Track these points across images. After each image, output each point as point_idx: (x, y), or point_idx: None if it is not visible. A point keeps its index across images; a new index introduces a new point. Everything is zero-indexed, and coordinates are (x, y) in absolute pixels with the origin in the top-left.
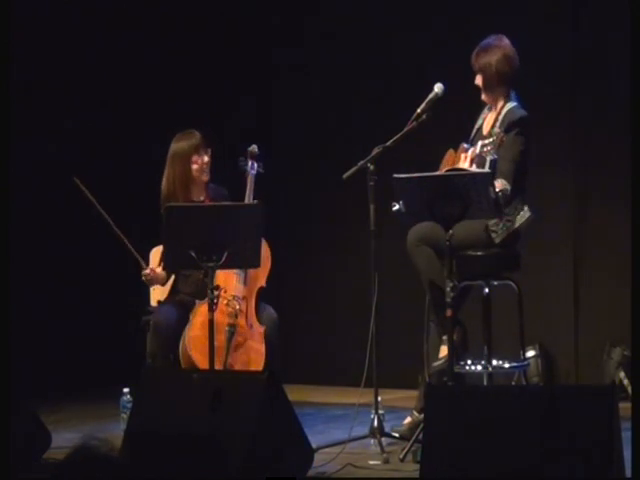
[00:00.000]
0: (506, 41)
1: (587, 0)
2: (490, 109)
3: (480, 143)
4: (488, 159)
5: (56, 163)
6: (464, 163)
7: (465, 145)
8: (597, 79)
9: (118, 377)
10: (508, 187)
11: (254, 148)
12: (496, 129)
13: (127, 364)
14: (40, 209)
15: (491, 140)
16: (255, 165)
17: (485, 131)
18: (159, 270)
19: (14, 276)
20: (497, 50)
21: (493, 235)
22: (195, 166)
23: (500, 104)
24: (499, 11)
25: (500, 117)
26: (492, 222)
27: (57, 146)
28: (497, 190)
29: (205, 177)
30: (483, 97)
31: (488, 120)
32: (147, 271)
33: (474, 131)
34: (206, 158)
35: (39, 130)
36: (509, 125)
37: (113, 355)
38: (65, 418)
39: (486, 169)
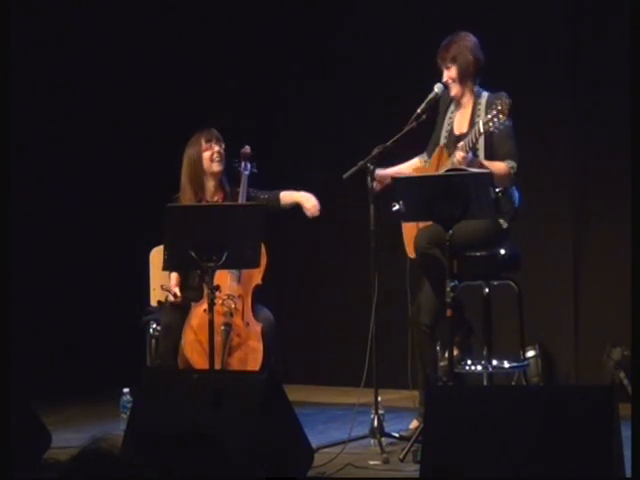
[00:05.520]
0: (470, 34)
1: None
2: (457, 106)
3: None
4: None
5: (56, 162)
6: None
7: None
8: (597, 78)
9: (118, 377)
10: (515, 165)
11: (247, 149)
12: (480, 122)
13: (127, 364)
14: (40, 208)
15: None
16: (249, 166)
17: (458, 131)
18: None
19: (14, 276)
20: (467, 39)
21: (501, 221)
22: (206, 154)
23: (467, 98)
24: (498, 9)
25: (480, 108)
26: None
27: (58, 145)
28: (509, 168)
29: (216, 167)
30: (454, 92)
31: (459, 119)
32: (177, 293)
33: (444, 133)
34: (217, 147)
35: (41, 126)
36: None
37: (113, 355)
38: (65, 418)
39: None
